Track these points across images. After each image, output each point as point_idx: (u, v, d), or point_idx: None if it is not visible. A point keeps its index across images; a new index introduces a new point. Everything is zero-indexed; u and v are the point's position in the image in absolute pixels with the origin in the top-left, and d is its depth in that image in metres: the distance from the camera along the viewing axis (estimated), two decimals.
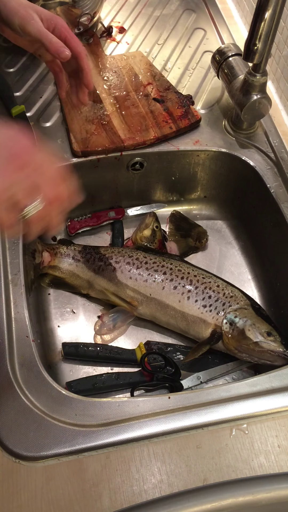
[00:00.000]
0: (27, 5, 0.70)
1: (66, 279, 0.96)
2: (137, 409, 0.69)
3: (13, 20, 0.68)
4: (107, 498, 0.63)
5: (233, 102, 0.97)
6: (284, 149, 0.99)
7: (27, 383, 0.71)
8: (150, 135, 0.99)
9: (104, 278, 0.94)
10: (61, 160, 0.95)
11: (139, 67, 1.11)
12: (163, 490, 0.64)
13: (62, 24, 0.71)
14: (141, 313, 0.93)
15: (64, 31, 0.70)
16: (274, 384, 0.72)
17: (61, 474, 0.64)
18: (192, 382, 0.85)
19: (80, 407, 0.69)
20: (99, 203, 1.08)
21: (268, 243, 1.00)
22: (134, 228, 1.07)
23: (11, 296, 0.79)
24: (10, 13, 0.68)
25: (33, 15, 0.69)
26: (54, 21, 0.70)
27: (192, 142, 1.01)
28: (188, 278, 0.91)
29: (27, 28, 0.68)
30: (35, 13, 0.69)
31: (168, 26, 1.22)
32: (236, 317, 0.87)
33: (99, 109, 1.02)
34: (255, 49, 0.82)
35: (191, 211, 1.13)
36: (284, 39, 1.03)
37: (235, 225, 1.11)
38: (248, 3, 1.20)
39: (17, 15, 0.68)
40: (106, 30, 1.19)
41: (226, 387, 0.72)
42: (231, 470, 0.65)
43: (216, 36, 1.20)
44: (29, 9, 0.69)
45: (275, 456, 0.67)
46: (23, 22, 0.68)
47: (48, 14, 0.71)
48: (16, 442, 0.65)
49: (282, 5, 0.78)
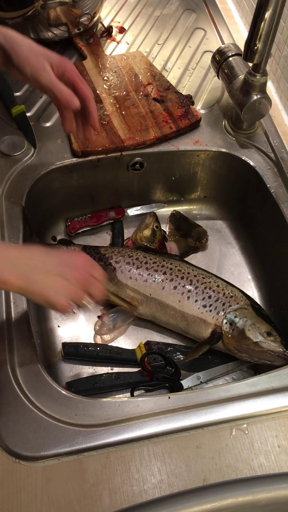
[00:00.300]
0: (38, 53, 0.71)
1: None
2: (137, 409, 0.69)
3: (25, 69, 0.70)
4: (107, 498, 0.63)
5: (233, 102, 0.98)
6: (284, 149, 0.99)
7: (27, 383, 0.71)
8: (150, 135, 0.99)
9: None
10: None
11: (139, 67, 1.11)
12: (163, 490, 0.64)
13: (71, 68, 0.72)
14: (141, 313, 0.93)
15: (73, 75, 0.72)
16: (274, 384, 0.72)
17: (61, 474, 0.64)
18: (192, 382, 0.85)
19: (80, 407, 0.69)
20: (99, 203, 1.08)
21: (268, 243, 1.00)
22: (134, 228, 1.07)
23: (11, 296, 0.79)
24: (22, 62, 0.70)
25: (45, 66, 0.70)
26: (63, 65, 0.72)
27: (192, 142, 1.01)
28: (188, 278, 0.91)
29: (39, 79, 0.70)
30: (46, 61, 0.71)
31: (168, 26, 1.22)
32: (236, 317, 0.87)
33: (99, 109, 1.02)
34: (255, 49, 0.82)
35: (191, 211, 1.13)
36: (284, 39, 1.03)
37: (235, 225, 1.11)
38: (248, 3, 1.20)
39: (29, 65, 0.70)
40: (106, 30, 1.19)
41: (226, 387, 0.72)
42: (231, 470, 0.65)
43: (216, 36, 1.20)
44: (40, 58, 0.70)
45: (275, 456, 0.67)
46: (35, 72, 0.70)
47: (57, 59, 0.72)
48: (16, 442, 0.65)
49: (282, 5, 0.78)
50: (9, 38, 0.70)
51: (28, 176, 0.93)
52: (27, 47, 0.71)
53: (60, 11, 1.05)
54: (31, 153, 0.96)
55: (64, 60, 0.73)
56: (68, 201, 1.05)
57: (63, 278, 0.65)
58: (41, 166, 0.95)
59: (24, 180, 0.92)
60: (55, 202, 1.03)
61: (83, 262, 0.69)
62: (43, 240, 0.98)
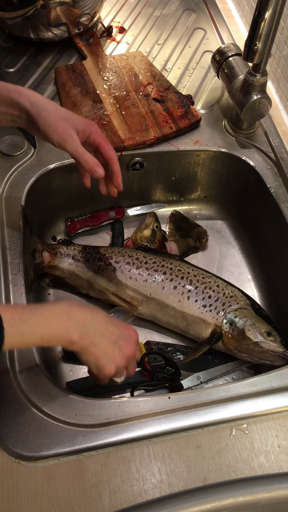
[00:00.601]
0: (65, 120, 0.71)
1: (66, 279, 0.96)
2: (137, 409, 0.69)
3: (52, 137, 0.70)
4: (107, 498, 0.63)
5: (233, 102, 0.98)
6: (284, 149, 0.99)
7: (27, 383, 0.71)
8: (150, 135, 0.99)
9: (104, 278, 0.94)
10: None
11: (139, 67, 1.11)
12: (163, 490, 0.64)
13: (96, 132, 0.73)
14: (141, 313, 0.93)
15: (98, 138, 0.73)
16: (274, 384, 0.72)
17: (61, 474, 0.64)
18: (192, 382, 0.85)
19: (80, 407, 0.69)
20: (99, 203, 1.08)
21: (268, 243, 1.00)
22: (134, 228, 1.07)
23: (11, 296, 0.79)
24: (49, 131, 0.70)
25: (71, 134, 0.70)
26: (89, 130, 0.73)
27: (192, 142, 1.01)
28: (188, 278, 0.91)
29: (65, 147, 0.71)
30: (73, 128, 0.71)
31: (168, 26, 1.22)
32: (236, 317, 0.87)
33: (99, 109, 1.02)
34: (255, 49, 0.82)
35: (191, 211, 1.13)
36: (284, 39, 1.03)
37: (235, 225, 1.11)
38: (248, 3, 1.20)
39: (56, 134, 0.70)
40: (106, 30, 1.19)
41: (226, 387, 0.72)
42: (231, 470, 0.65)
43: (216, 36, 1.20)
44: (67, 126, 0.70)
45: (275, 456, 0.67)
46: (62, 141, 0.70)
47: (83, 125, 0.73)
48: (16, 442, 0.65)
49: (282, 5, 0.78)
50: (35, 103, 0.70)
51: (28, 176, 0.93)
52: (54, 113, 0.70)
53: (60, 11, 1.05)
54: (31, 153, 0.96)
55: (89, 125, 0.73)
56: (68, 201, 1.05)
57: (117, 347, 0.68)
58: (41, 166, 0.95)
59: (24, 180, 0.92)
60: (55, 202, 1.03)
61: (136, 339, 0.73)
62: (43, 240, 0.98)
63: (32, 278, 0.90)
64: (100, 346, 0.66)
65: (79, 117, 0.74)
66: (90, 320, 0.66)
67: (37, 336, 0.60)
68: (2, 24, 1.10)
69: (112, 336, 0.68)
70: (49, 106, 0.71)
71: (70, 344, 0.64)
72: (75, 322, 0.64)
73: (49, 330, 0.61)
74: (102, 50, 1.14)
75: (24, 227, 0.87)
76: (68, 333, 0.63)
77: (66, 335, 0.63)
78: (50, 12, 1.04)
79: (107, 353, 0.67)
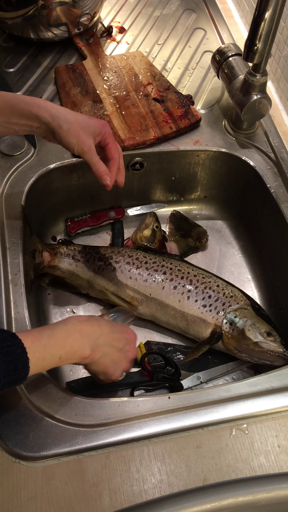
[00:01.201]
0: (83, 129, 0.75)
1: (66, 279, 0.96)
2: (137, 409, 0.69)
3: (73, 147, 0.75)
4: (107, 498, 0.63)
5: (233, 102, 0.98)
6: (284, 149, 0.99)
7: (27, 383, 0.70)
8: (150, 135, 0.99)
9: (104, 278, 0.94)
10: None
11: (139, 67, 1.11)
12: (163, 490, 0.64)
13: (107, 132, 0.78)
14: (141, 313, 0.93)
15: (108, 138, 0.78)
16: (274, 384, 0.72)
17: (61, 474, 0.64)
18: (192, 382, 0.85)
19: (80, 407, 0.69)
20: (99, 203, 1.08)
21: (268, 243, 1.00)
22: (134, 228, 1.07)
23: (11, 296, 0.79)
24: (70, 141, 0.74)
25: (90, 145, 0.75)
26: (102, 131, 0.77)
27: (192, 142, 1.01)
28: (188, 278, 0.91)
29: (83, 156, 0.76)
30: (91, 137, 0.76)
31: (168, 26, 1.22)
32: (236, 317, 0.87)
33: (99, 109, 1.02)
34: (255, 49, 0.82)
35: (191, 211, 1.13)
36: (284, 39, 1.03)
37: (235, 225, 1.11)
38: (248, 3, 1.20)
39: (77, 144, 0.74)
40: (106, 30, 1.19)
41: (226, 387, 0.72)
42: (231, 470, 0.65)
43: (216, 36, 1.20)
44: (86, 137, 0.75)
45: (275, 456, 0.67)
46: (81, 151, 0.75)
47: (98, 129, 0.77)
48: (16, 442, 0.65)
49: (282, 5, 0.78)
50: (56, 116, 0.73)
51: (28, 176, 0.93)
52: (74, 124, 0.74)
53: (60, 11, 1.05)
54: (31, 153, 0.96)
55: (103, 126, 0.78)
56: (68, 201, 1.05)
57: (122, 353, 0.73)
58: (41, 166, 0.95)
59: (24, 180, 0.92)
60: (55, 202, 1.03)
61: (135, 340, 0.78)
62: (43, 240, 0.98)
63: (32, 278, 0.90)
64: (109, 356, 0.70)
65: (94, 121, 0.77)
66: (99, 334, 0.69)
67: (56, 357, 0.63)
68: (2, 24, 1.10)
69: (118, 344, 0.72)
70: (69, 117, 0.74)
71: (83, 359, 0.67)
72: (87, 339, 0.67)
73: (66, 350, 0.64)
74: (102, 50, 1.14)
75: (24, 227, 0.87)
76: (83, 350, 0.66)
77: (81, 352, 0.66)
78: (50, 12, 1.04)
79: (114, 361, 0.71)
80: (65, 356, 0.64)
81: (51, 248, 0.96)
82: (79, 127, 0.74)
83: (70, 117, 0.74)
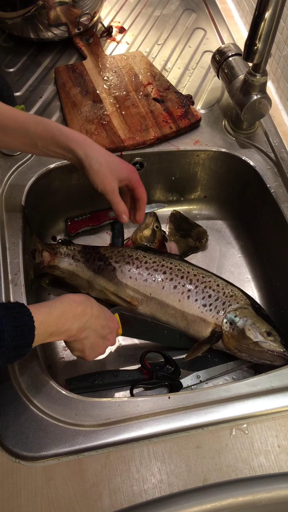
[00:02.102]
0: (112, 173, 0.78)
1: (66, 279, 0.96)
2: (137, 409, 0.69)
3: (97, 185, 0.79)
4: (107, 498, 0.63)
5: (233, 102, 0.98)
6: (284, 149, 0.99)
7: (27, 383, 0.71)
8: (150, 135, 0.99)
9: (104, 278, 0.94)
10: None
11: (139, 67, 1.11)
12: (163, 490, 0.64)
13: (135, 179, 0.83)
14: (141, 312, 0.93)
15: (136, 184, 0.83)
16: (274, 384, 0.72)
17: (61, 474, 0.64)
18: (191, 381, 0.85)
19: (80, 407, 0.69)
20: (99, 203, 1.08)
21: (268, 243, 1.00)
22: (134, 228, 1.07)
23: (11, 296, 0.79)
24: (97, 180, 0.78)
25: (114, 188, 0.79)
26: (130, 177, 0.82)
27: (192, 142, 1.01)
28: (188, 278, 0.91)
29: (106, 196, 0.80)
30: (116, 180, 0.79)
31: (168, 26, 1.22)
32: (236, 316, 0.87)
33: (99, 109, 1.02)
34: (255, 49, 0.82)
35: (191, 211, 1.13)
36: (284, 39, 1.03)
37: (235, 225, 1.11)
38: (248, 3, 1.20)
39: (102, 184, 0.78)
40: (106, 30, 1.19)
41: (226, 387, 0.72)
42: (231, 470, 0.65)
43: (216, 36, 1.20)
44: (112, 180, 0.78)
45: (275, 456, 0.67)
46: (105, 191, 0.79)
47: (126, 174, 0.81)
48: (16, 442, 0.65)
49: (282, 5, 0.78)
50: (89, 155, 0.77)
51: (28, 176, 0.93)
52: (104, 166, 0.77)
53: (60, 11, 1.05)
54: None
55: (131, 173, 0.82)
56: (68, 201, 1.05)
57: (102, 341, 0.77)
58: (41, 166, 0.95)
59: (24, 180, 0.92)
60: (55, 202, 1.03)
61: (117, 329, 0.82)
62: (43, 240, 0.98)
63: (32, 278, 0.90)
64: (90, 339, 0.73)
65: (124, 166, 0.81)
66: (89, 317, 0.72)
67: (47, 334, 0.65)
68: (2, 24, 1.10)
69: (102, 331, 0.76)
70: (101, 159, 0.77)
71: (69, 337, 0.70)
72: (77, 319, 0.70)
73: (58, 328, 0.67)
74: (102, 50, 1.14)
75: (24, 227, 0.87)
76: (71, 329, 0.69)
77: (69, 331, 0.69)
78: (50, 12, 1.04)
79: (93, 345, 0.75)
80: (55, 333, 0.67)
81: (51, 248, 0.96)
82: (108, 170, 0.78)
83: (102, 159, 0.77)
